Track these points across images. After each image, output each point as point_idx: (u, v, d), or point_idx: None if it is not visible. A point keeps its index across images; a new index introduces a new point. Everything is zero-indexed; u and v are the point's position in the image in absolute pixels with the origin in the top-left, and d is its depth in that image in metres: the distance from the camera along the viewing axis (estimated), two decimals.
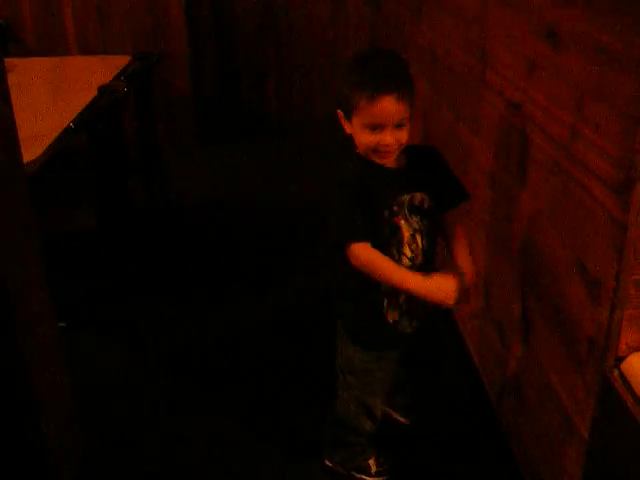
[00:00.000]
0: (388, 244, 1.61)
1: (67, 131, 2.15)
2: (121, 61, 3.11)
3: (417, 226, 1.64)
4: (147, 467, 1.97)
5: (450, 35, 2.57)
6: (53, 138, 2.10)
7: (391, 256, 1.60)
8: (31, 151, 1.97)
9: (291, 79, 4.72)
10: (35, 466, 1.65)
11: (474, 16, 2.21)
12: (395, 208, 1.61)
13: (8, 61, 2.92)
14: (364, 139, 1.56)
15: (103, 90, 2.37)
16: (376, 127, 1.54)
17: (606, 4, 1.28)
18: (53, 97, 2.78)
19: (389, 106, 1.51)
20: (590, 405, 1.38)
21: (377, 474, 1.95)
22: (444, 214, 1.72)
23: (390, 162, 1.61)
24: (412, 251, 1.64)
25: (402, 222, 1.62)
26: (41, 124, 2.27)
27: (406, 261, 1.63)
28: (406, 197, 1.62)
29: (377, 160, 1.59)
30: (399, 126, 1.54)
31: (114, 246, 2.46)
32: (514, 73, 1.81)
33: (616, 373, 1.29)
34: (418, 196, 1.63)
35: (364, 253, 1.56)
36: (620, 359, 1.30)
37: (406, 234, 1.62)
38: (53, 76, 3.14)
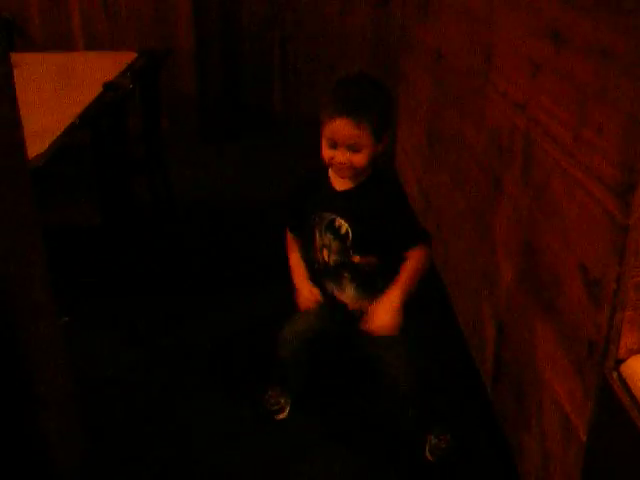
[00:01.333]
0: (309, 244, 1.92)
1: (72, 127, 2.15)
2: (127, 57, 3.11)
3: (327, 243, 1.86)
4: (147, 464, 1.97)
5: (455, 35, 2.57)
6: (58, 133, 2.10)
7: (308, 255, 1.94)
8: (36, 146, 1.97)
9: (297, 77, 4.72)
10: (35, 463, 1.66)
11: (479, 16, 2.21)
12: (317, 219, 1.86)
13: (15, 56, 2.94)
14: (324, 151, 1.76)
15: (108, 86, 2.38)
16: (333, 144, 1.72)
17: (610, 5, 1.27)
18: (59, 92, 2.79)
19: (342, 129, 1.69)
20: (589, 407, 1.38)
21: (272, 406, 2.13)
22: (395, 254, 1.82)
23: (345, 181, 1.80)
24: (319, 261, 1.91)
25: (317, 232, 1.88)
26: (46, 119, 2.27)
27: (316, 265, 1.94)
28: (329, 216, 1.84)
29: (335, 173, 1.79)
30: (354, 150, 1.71)
31: (117, 242, 2.46)
32: (518, 74, 1.81)
33: (615, 375, 1.29)
34: (339, 221, 1.82)
35: (287, 238, 2.01)
36: (620, 361, 1.30)
37: (317, 243, 1.90)
38: (59, 71, 3.15)
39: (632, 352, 1.30)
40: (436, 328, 2.57)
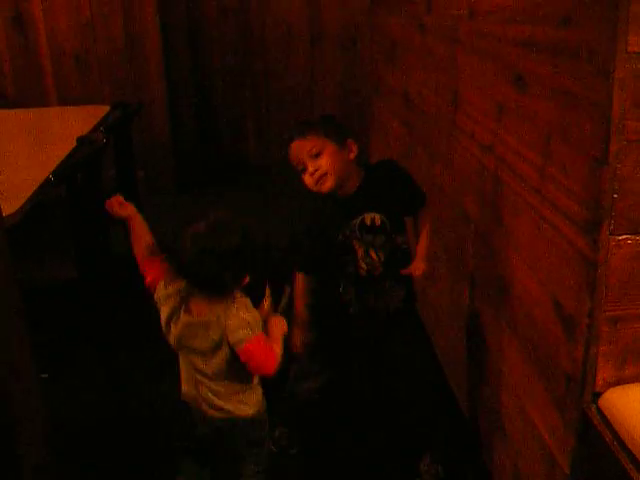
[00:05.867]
0: (345, 262, 1.91)
1: (46, 183, 2.16)
2: (100, 111, 3.14)
3: (370, 242, 1.89)
4: None
5: (422, 78, 2.63)
6: (32, 190, 2.10)
7: (348, 272, 1.91)
8: (10, 204, 1.97)
9: (269, 122, 4.78)
10: None
11: (444, 61, 2.27)
12: (347, 232, 1.88)
13: None
14: (305, 181, 1.84)
15: (82, 141, 2.39)
16: (302, 168, 1.82)
17: (568, 51, 1.32)
18: (32, 149, 2.80)
19: (296, 148, 1.82)
20: (571, 441, 1.40)
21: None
22: (409, 216, 1.99)
23: (346, 189, 1.87)
24: (367, 264, 1.90)
25: (355, 242, 1.88)
26: (20, 176, 2.28)
27: (363, 273, 1.91)
28: (356, 220, 1.88)
29: (323, 191, 1.83)
30: (315, 156, 1.80)
31: (94, 295, 2.45)
32: (484, 116, 1.86)
33: (594, 409, 1.31)
34: (368, 217, 1.88)
35: (298, 284, 1.97)
36: (598, 395, 1.32)
37: (360, 251, 1.89)
38: (32, 127, 3.16)
39: (609, 385, 1.32)
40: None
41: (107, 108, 3.19)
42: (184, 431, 1.82)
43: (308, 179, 1.82)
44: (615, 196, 1.20)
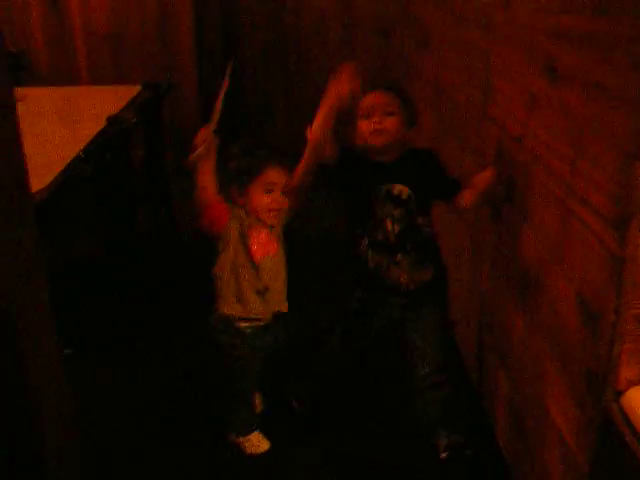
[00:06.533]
0: (365, 224, 1.97)
1: (76, 160, 2.18)
2: (131, 91, 3.15)
3: (389, 212, 1.95)
4: None
5: (454, 68, 2.60)
6: (61, 167, 2.13)
7: (366, 231, 1.98)
8: (40, 180, 2.00)
9: (299, 107, 4.76)
10: None
11: (478, 50, 2.24)
12: (373, 194, 1.94)
13: (21, 90, 2.98)
14: (360, 126, 1.95)
15: (112, 120, 2.41)
16: (367, 114, 1.92)
17: (603, 42, 1.30)
18: (63, 126, 2.82)
19: (376, 97, 1.94)
20: (591, 439, 1.38)
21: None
22: (445, 201, 2.05)
23: (384, 155, 1.95)
24: (381, 231, 1.96)
25: (376, 206, 1.95)
26: (51, 153, 2.30)
27: (377, 238, 1.97)
28: (386, 187, 1.94)
29: (370, 141, 1.93)
30: (388, 114, 1.91)
31: (120, 273, 2.48)
32: (515, 107, 1.83)
33: (615, 407, 1.29)
34: (397, 187, 1.94)
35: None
36: (620, 393, 1.30)
37: (376, 216, 1.96)
38: (64, 106, 3.19)
39: (632, 384, 1.30)
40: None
41: (138, 88, 3.20)
42: None
43: (367, 125, 1.91)
44: None
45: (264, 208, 1.93)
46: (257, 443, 2.13)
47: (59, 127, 2.80)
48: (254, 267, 1.96)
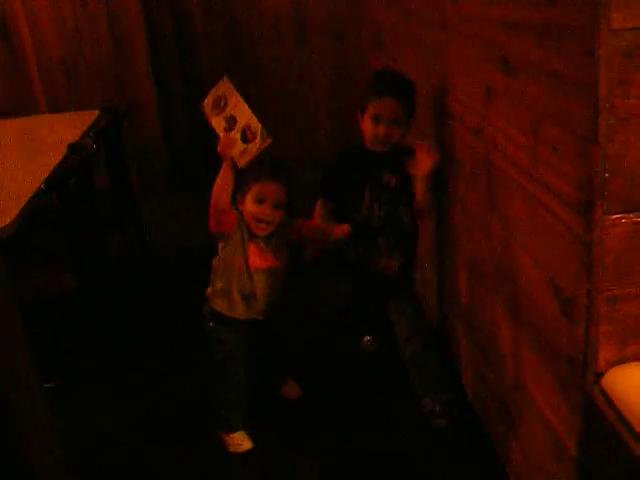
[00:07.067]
0: (354, 205, 2.18)
1: (38, 192, 2.15)
2: (89, 116, 3.12)
3: (377, 197, 2.16)
4: None
5: (411, 65, 2.61)
6: (25, 200, 2.10)
7: (354, 214, 2.18)
8: (3, 215, 1.97)
9: (261, 116, 4.74)
10: None
11: (432, 45, 2.26)
12: (365, 179, 2.16)
13: None
14: (367, 128, 2.12)
15: (72, 148, 2.39)
16: (377, 119, 2.09)
17: (554, 32, 1.31)
18: (23, 158, 2.79)
19: (389, 105, 2.08)
20: (576, 423, 1.39)
21: None
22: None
23: (379, 147, 2.13)
24: (368, 211, 2.17)
25: (366, 190, 2.17)
26: (12, 186, 2.27)
27: (362, 218, 2.18)
28: (378, 174, 2.16)
29: (373, 146, 2.14)
30: (395, 123, 2.08)
31: (95, 303, 2.45)
32: (473, 100, 1.85)
33: (597, 389, 1.30)
34: (387, 176, 2.15)
35: (317, 205, 2.27)
36: (600, 375, 1.32)
37: (366, 200, 2.17)
38: (23, 137, 3.15)
39: (611, 365, 1.31)
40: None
41: (96, 113, 3.17)
42: None
43: (374, 130, 2.09)
44: (607, 175, 1.19)
45: (253, 217, 2.00)
46: (239, 442, 2.17)
47: (19, 159, 2.76)
48: (248, 273, 2.04)
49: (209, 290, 2.13)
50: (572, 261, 1.32)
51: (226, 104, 2.08)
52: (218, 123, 2.06)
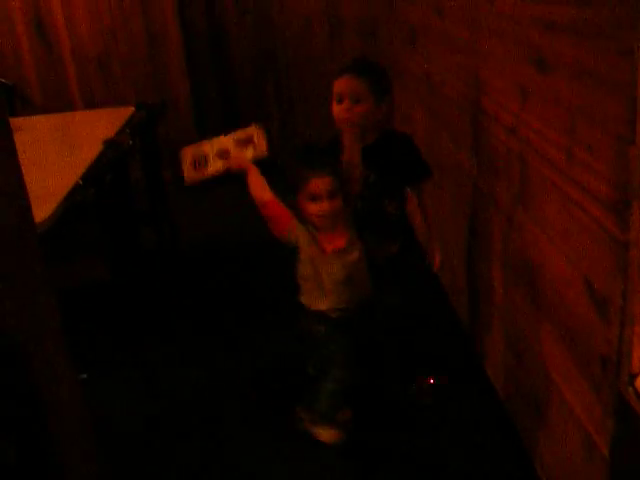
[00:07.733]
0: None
1: (76, 187, 2.19)
2: (125, 112, 3.16)
3: (360, 193, 2.07)
4: None
5: (444, 64, 2.61)
6: (63, 195, 2.13)
7: None
8: (42, 210, 2.00)
9: (293, 115, 4.77)
10: None
11: (466, 45, 2.25)
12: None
13: (16, 120, 3.00)
14: (333, 109, 2.11)
15: (108, 144, 2.42)
16: (339, 99, 2.08)
17: (590, 31, 1.31)
18: (61, 153, 2.84)
19: (345, 82, 2.08)
20: (609, 424, 1.39)
21: None
22: (409, 187, 2.24)
23: (359, 141, 2.02)
24: (354, 210, 2.10)
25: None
26: (50, 181, 2.31)
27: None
28: None
29: (341, 126, 2.07)
30: (355, 100, 2.04)
31: (129, 295, 2.49)
32: (507, 99, 1.84)
33: (631, 390, 1.30)
34: (366, 172, 2.07)
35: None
36: (634, 376, 1.31)
37: (350, 198, 2.09)
38: (60, 132, 3.21)
39: None
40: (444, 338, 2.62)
41: (132, 109, 3.21)
42: None
43: (338, 109, 2.06)
44: None
45: (313, 215, 2.01)
46: (334, 434, 2.18)
47: (56, 155, 2.81)
48: (330, 262, 2.06)
49: (303, 299, 2.14)
50: (607, 261, 1.31)
51: (206, 162, 2.22)
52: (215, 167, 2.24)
